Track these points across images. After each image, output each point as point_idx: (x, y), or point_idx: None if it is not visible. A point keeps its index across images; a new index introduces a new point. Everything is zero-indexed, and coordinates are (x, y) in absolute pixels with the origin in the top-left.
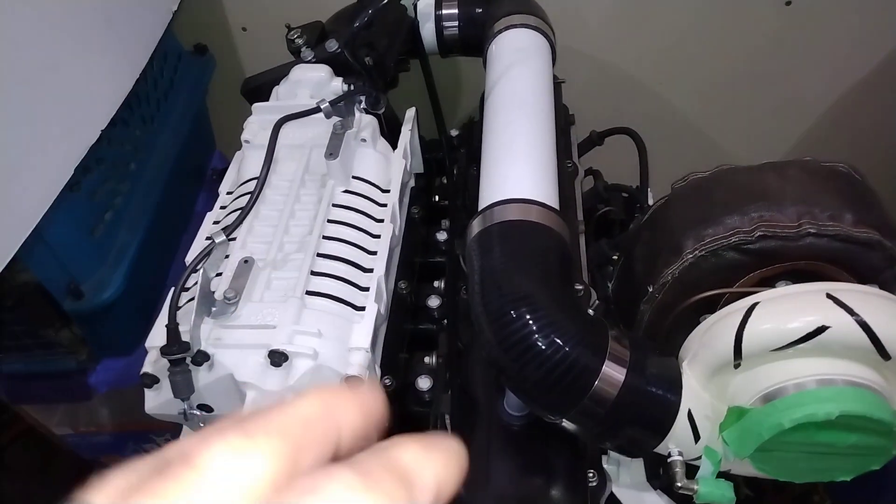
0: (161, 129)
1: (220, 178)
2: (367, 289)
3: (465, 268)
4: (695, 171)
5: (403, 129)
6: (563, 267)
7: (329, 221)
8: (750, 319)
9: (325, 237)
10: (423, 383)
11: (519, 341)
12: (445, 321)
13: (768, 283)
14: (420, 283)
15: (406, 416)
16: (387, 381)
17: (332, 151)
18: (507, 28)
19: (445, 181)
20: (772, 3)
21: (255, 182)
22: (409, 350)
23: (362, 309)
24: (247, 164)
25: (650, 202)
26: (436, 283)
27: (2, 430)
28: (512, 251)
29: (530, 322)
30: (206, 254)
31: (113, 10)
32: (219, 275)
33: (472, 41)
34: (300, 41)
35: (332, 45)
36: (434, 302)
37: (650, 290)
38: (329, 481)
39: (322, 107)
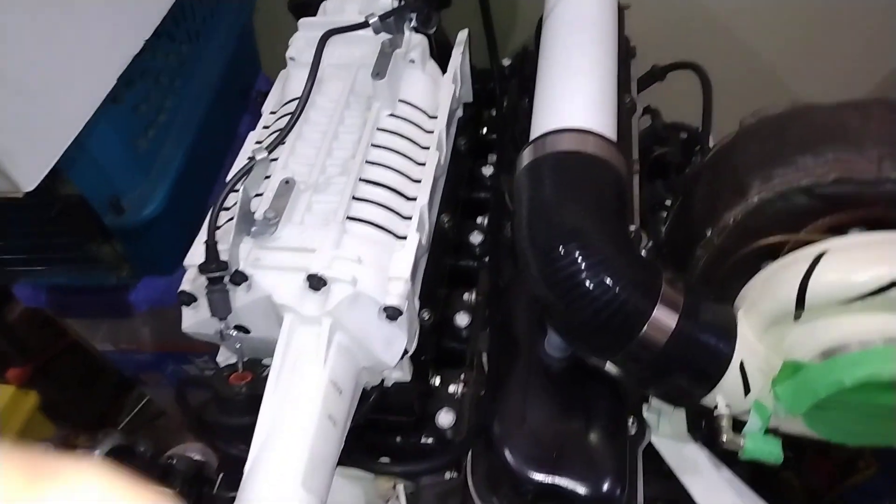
0: (206, 45)
1: (265, 99)
2: (409, 217)
3: (512, 204)
4: (767, 107)
5: (454, 51)
6: (618, 203)
7: (373, 146)
8: (817, 268)
9: (368, 162)
10: (462, 319)
11: (566, 279)
12: (487, 258)
13: (839, 231)
14: (463, 217)
15: (443, 351)
16: (425, 314)
17: (378, 71)
18: None
19: (495, 114)
20: None
21: (298, 102)
22: (448, 286)
23: (404, 238)
24: (291, 82)
25: (712, 145)
26: (479, 220)
27: (50, 343)
28: (564, 183)
29: (579, 259)
30: (246, 171)
31: None
32: (259, 195)
33: None
34: None
35: None
36: (476, 238)
37: (708, 233)
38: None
39: (371, 21)
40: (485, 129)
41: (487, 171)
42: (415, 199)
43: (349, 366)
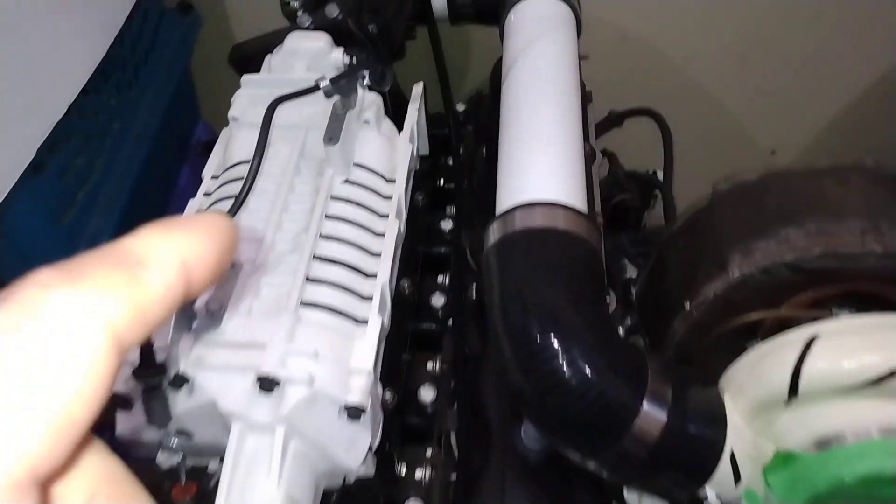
0: (140, 98)
1: (205, 151)
2: (369, 298)
3: (474, 262)
4: (740, 172)
5: (410, 108)
6: (594, 283)
7: (327, 217)
8: (810, 355)
9: (322, 236)
10: (427, 394)
11: (544, 370)
12: (451, 321)
13: (821, 305)
14: (422, 276)
15: (407, 429)
16: (388, 395)
17: (331, 136)
18: None
19: (451, 162)
20: None
21: (242, 166)
22: (409, 350)
23: (364, 322)
24: (235, 145)
25: (672, 194)
26: (439, 279)
27: None
28: (537, 263)
29: (558, 348)
30: None
31: None
32: None
33: (487, 7)
34: (296, 4)
35: (332, 11)
36: (438, 300)
37: (687, 306)
38: (24, 285)
39: (322, 85)
40: (441, 180)
41: (447, 224)
42: (375, 275)
43: (307, 475)
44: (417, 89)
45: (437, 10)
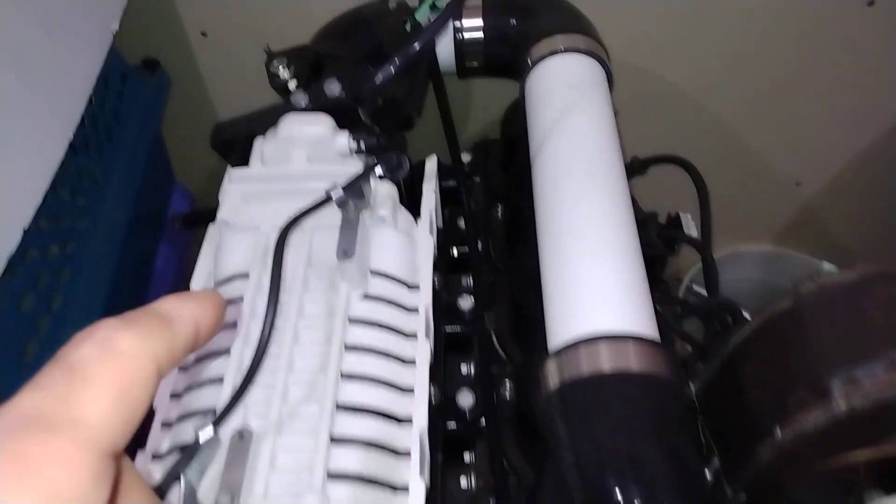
0: (110, 170)
1: (182, 227)
2: (405, 453)
3: (543, 424)
4: (828, 274)
5: (426, 189)
6: (684, 434)
7: (347, 348)
8: None
9: (344, 375)
10: None
11: None
12: (483, 422)
13: None
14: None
15: None
16: None
17: (345, 249)
18: (552, 53)
19: (463, 223)
20: (850, 4)
21: (237, 282)
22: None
23: (402, 489)
24: (227, 254)
25: (712, 251)
26: (463, 369)
27: None
28: (613, 418)
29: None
30: (189, 456)
31: (29, 53)
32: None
33: (500, 61)
34: (286, 74)
35: (333, 89)
36: (466, 400)
37: (777, 433)
38: (96, 326)
39: (334, 196)
40: (455, 250)
41: (466, 303)
42: (409, 420)
43: None
44: (431, 166)
45: (445, 64)
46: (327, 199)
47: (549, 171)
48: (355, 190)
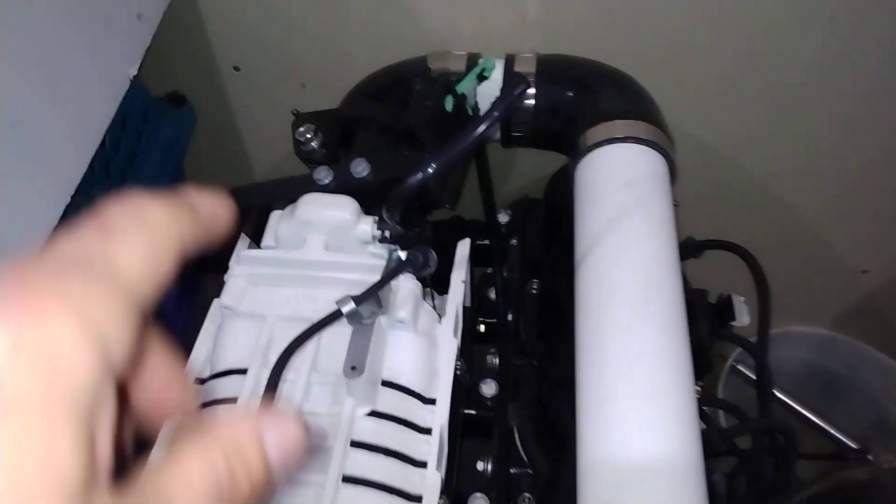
0: None
1: (194, 271)
2: None
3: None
4: None
5: (454, 279)
6: None
7: (344, 480)
8: None
9: None
10: None
11: None
12: None
13: None
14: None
15: None
16: None
17: (354, 364)
18: (609, 141)
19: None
20: None
21: (234, 379)
22: None
23: None
24: (227, 344)
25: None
26: (479, 465)
27: None
28: None
29: None
30: None
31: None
32: None
33: (550, 133)
34: (315, 143)
35: (361, 169)
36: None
37: None
38: (127, 195)
39: (344, 311)
40: (482, 325)
41: (489, 389)
42: None
43: None
44: (463, 250)
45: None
46: (337, 314)
47: (597, 285)
48: (371, 299)
